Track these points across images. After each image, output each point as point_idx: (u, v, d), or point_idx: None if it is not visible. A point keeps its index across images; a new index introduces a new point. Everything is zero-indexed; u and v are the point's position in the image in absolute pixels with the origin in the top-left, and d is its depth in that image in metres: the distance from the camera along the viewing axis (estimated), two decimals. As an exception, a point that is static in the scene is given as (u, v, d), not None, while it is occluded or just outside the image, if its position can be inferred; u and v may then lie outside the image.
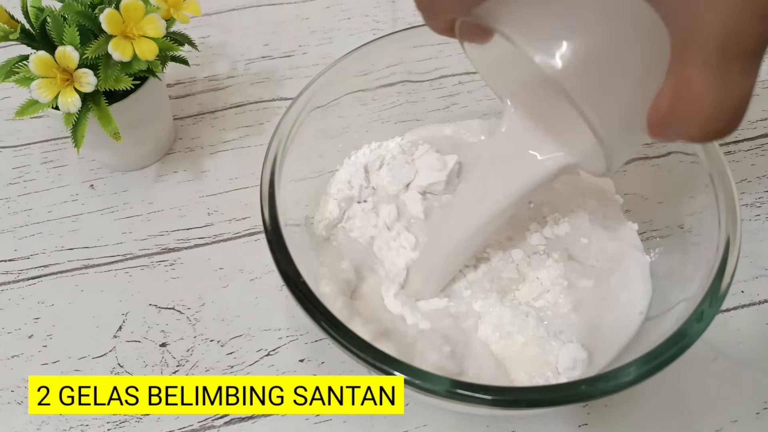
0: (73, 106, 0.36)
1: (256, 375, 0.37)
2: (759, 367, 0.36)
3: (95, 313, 0.39)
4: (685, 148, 0.35)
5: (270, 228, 0.31)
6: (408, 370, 0.27)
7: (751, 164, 0.45)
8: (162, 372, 0.37)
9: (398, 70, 0.41)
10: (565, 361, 0.32)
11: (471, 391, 0.26)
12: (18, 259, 0.41)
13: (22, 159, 0.46)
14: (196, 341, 0.38)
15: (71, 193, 0.44)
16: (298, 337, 0.38)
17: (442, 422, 0.35)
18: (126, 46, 0.36)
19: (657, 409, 0.35)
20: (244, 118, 0.48)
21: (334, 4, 0.56)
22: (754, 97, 0.41)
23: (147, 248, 0.42)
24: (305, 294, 0.29)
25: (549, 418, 0.35)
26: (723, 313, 0.38)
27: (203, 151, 0.46)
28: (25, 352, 0.38)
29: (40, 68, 0.35)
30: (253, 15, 0.55)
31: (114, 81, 0.37)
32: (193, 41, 0.42)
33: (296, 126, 0.35)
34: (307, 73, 0.51)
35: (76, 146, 0.37)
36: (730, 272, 0.29)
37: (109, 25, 0.35)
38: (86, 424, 0.35)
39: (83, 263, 0.41)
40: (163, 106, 0.44)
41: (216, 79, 0.51)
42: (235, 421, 0.35)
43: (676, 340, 0.28)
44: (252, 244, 0.42)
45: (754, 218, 0.42)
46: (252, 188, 0.44)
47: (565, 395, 0.26)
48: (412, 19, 0.54)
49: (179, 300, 0.39)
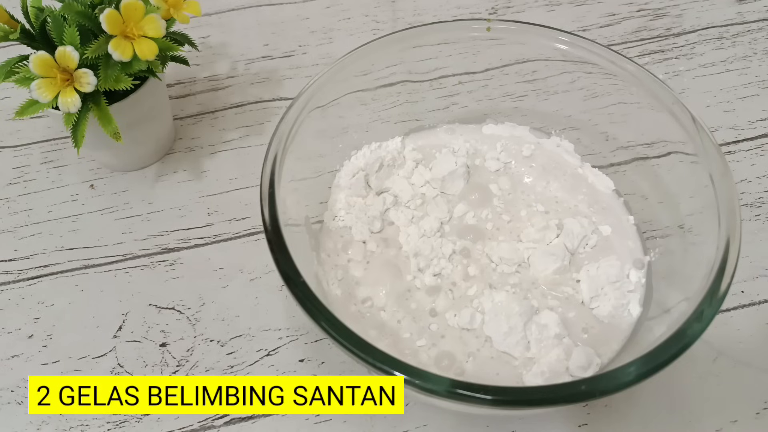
0: (73, 106, 0.36)
1: (256, 375, 0.37)
2: (759, 367, 0.36)
3: (95, 313, 0.39)
4: (685, 147, 0.35)
5: (270, 228, 0.31)
6: (408, 370, 0.27)
7: (751, 164, 0.45)
8: (162, 372, 0.37)
9: (398, 70, 0.41)
10: (578, 360, 0.32)
11: (471, 391, 0.26)
12: (18, 259, 0.41)
13: (22, 159, 0.46)
14: (196, 341, 0.38)
15: (71, 193, 0.44)
16: (298, 337, 0.38)
17: (442, 422, 0.35)
18: (126, 46, 0.36)
19: (657, 408, 0.35)
20: (244, 118, 0.48)
21: (334, 4, 0.56)
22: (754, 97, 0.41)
23: (147, 248, 0.42)
24: (305, 294, 0.29)
25: (549, 418, 0.35)
26: (723, 313, 0.38)
27: (203, 151, 0.46)
28: (25, 352, 0.38)
29: (40, 68, 0.35)
30: (253, 15, 0.55)
31: (114, 81, 0.37)
32: (193, 41, 0.42)
33: (296, 126, 0.35)
34: (307, 73, 0.51)
35: (76, 146, 0.37)
36: (730, 272, 0.29)
37: (109, 25, 0.35)
38: (86, 424, 0.35)
39: (83, 263, 0.41)
40: (163, 106, 0.44)
41: (216, 79, 0.51)
42: (235, 421, 0.35)
43: (676, 340, 0.28)
44: (252, 244, 0.42)
45: (754, 218, 0.42)
46: (252, 188, 0.44)
47: (564, 395, 0.26)
48: (412, 19, 0.54)
49: (179, 300, 0.39)
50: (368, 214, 0.38)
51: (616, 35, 0.53)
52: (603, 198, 0.39)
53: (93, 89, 0.36)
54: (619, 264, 0.36)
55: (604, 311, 0.35)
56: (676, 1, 0.55)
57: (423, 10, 0.55)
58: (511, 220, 0.38)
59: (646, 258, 0.37)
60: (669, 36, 0.53)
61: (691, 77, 0.50)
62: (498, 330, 0.33)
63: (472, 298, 0.35)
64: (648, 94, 0.37)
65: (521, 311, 0.33)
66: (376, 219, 0.38)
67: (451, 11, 0.55)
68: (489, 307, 0.34)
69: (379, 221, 0.38)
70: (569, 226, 0.37)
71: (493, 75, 0.42)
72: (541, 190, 0.40)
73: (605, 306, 0.35)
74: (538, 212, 0.39)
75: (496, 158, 0.41)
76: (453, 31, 0.40)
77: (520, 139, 0.42)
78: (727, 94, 0.49)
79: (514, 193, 0.40)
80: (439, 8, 0.55)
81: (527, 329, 0.33)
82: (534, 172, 0.40)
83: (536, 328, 0.33)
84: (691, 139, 0.35)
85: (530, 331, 0.33)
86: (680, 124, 0.35)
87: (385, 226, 0.38)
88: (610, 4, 0.55)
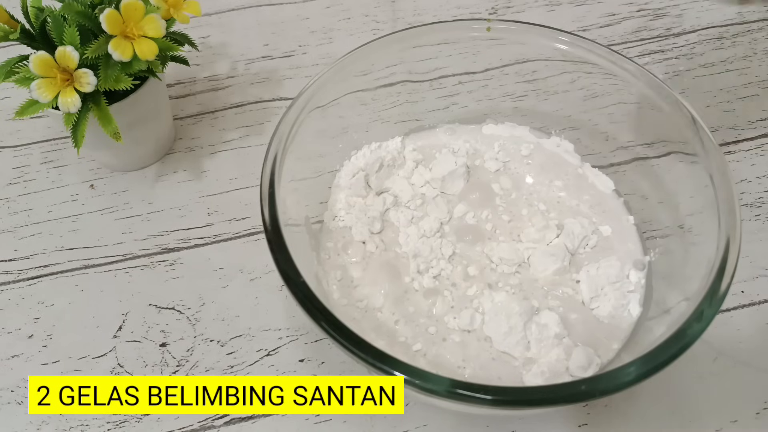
0: (73, 106, 0.36)
1: (256, 375, 0.37)
2: (759, 367, 0.36)
3: (95, 313, 0.39)
4: (685, 147, 0.35)
5: (270, 228, 0.31)
6: (408, 370, 0.27)
7: (751, 164, 0.45)
8: (162, 372, 0.37)
9: (398, 70, 0.41)
10: (578, 360, 0.32)
11: (471, 391, 0.26)
12: (18, 259, 0.41)
13: (22, 159, 0.46)
14: (196, 341, 0.38)
15: (71, 193, 0.44)
16: (298, 337, 0.38)
17: (442, 422, 0.35)
18: (126, 46, 0.36)
19: (657, 408, 0.35)
20: (244, 118, 0.48)
21: (334, 4, 0.56)
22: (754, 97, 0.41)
23: (147, 248, 0.42)
24: (305, 294, 0.29)
25: (549, 418, 0.35)
26: (723, 313, 0.38)
27: (203, 151, 0.46)
28: (25, 352, 0.38)
29: (40, 68, 0.35)
30: (253, 15, 0.55)
31: (114, 81, 0.37)
32: (193, 41, 0.42)
33: (296, 126, 0.35)
34: (307, 73, 0.51)
35: (76, 146, 0.37)
36: (730, 272, 0.29)
37: (109, 25, 0.35)
38: (86, 424, 0.35)
39: (83, 263, 0.41)
40: (164, 107, 0.44)
41: (216, 79, 0.51)
42: (235, 421, 0.35)
43: (676, 340, 0.28)
44: (252, 244, 0.42)
45: (754, 218, 0.42)
46: (252, 188, 0.44)
47: (564, 395, 0.26)
48: (412, 19, 0.54)
49: (179, 300, 0.39)
50: (368, 214, 0.38)
51: (616, 35, 0.53)
52: (603, 198, 0.39)
53: (93, 89, 0.36)
54: (619, 264, 0.36)
55: (604, 311, 0.35)
56: (676, 1, 0.55)
57: (423, 10, 0.55)
58: (512, 219, 0.38)
59: (646, 258, 0.37)
60: (669, 36, 0.53)
61: (691, 77, 0.50)
62: (498, 330, 0.33)
63: (472, 299, 0.35)
64: (648, 94, 0.37)
65: (521, 311, 0.33)
66: (376, 219, 0.38)
67: (451, 11, 0.55)
68: (489, 307, 0.34)
69: (379, 222, 0.38)
70: (569, 227, 0.37)
71: (493, 75, 0.42)
72: (540, 189, 0.40)
73: (605, 306, 0.35)
74: (538, 211, 0.39)
75: (495, 158, 0.41)
76: (453, 31, 0.40)
77: (519, 139, 0.42)
78: (727, 94, 0.49)
79: (515, 193, 0.40)
80: (439, 8, 0.55)
81: (527, 329, 0.33)
82: (534, 171, 0.40)
83: (536, 328, 0.33)
84: (691, 139, 0.35)
85: (530, 331, 0.33)
86: (680, 124, 0.35)
87: (385, 226, 0.38)
88: (610, 4, 0.55)
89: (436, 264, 0.36)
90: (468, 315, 0.34)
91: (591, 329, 0.34)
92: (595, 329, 0.34)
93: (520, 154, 0.41)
